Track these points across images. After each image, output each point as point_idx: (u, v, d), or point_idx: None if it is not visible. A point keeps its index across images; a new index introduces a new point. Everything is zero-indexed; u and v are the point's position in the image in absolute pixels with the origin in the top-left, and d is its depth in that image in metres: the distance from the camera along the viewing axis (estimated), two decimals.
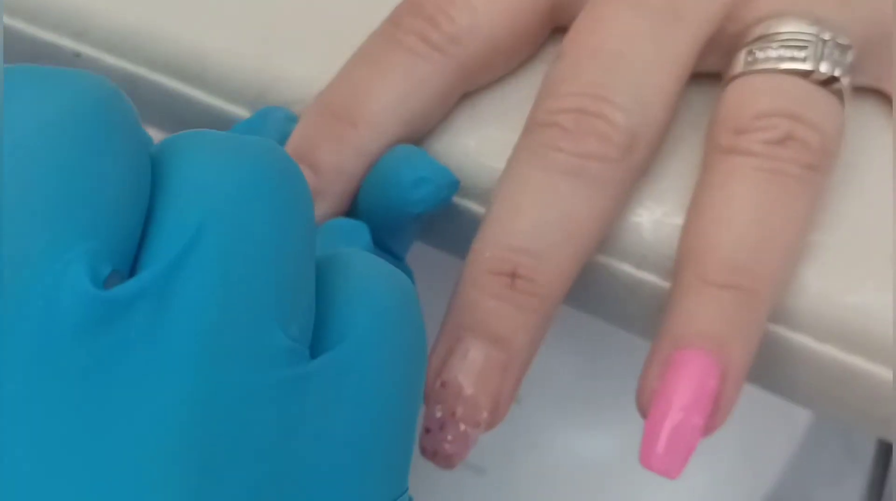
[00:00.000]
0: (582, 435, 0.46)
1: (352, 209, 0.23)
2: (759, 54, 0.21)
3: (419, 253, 0.27)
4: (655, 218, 0.23)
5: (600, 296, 0.24)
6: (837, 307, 0.22)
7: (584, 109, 0.21)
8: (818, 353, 0.22)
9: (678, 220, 0.22)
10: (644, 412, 0.20)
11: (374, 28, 0.24)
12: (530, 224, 0.21)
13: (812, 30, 0.21)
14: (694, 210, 0.21)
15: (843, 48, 0.21)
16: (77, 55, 0.26)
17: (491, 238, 0.21)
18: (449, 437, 0.20)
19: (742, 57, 0.21)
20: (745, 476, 0.47)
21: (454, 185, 0.22)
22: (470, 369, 0.20)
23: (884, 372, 0.22)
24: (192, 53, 0.25)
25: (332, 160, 0.22)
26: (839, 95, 0.21)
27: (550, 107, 0.21)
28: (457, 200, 0.24)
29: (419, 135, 0.23)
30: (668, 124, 0.22)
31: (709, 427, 0.20)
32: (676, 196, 0.23)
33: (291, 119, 0.24)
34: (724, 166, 0.21)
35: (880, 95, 0.24)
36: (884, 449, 0.34)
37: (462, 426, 0.20)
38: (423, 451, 0.20)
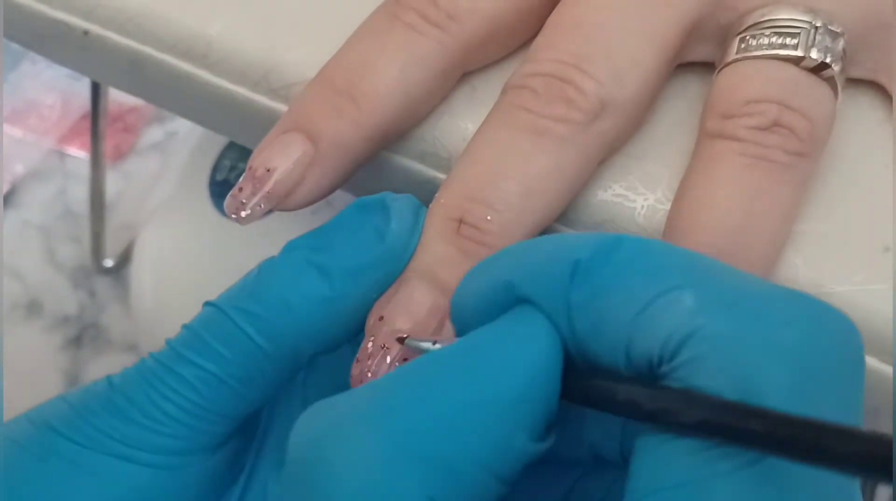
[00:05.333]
0: None
1: None
2: (752, 41, 0.21)
3: None
4: (649, 204, 0.23)
5: None
6: (828, 297, 0.22)
7: (556, 75, 0.21)
8: None
9: None
10: None
11: None
12: (486, 175, 0.21)
13: (805, 17, 0.21)
14: (679, 193, 0.22)
15: (835, 35, 0.21)
16: (85, 33, 0.27)
17: (448, 187, 0.21)
18: (373, 369, 0.20)
19: (735, 44, 0.22)
20: None
21: None
22: (406, 308, 0.20)
23: (873, 362, 0.22)
24: (198, 34, 0.26)
25: (332, 133, 0.22)
26: (831, 82, 0.21)
27: (525, 71, 0.22)
28: None
29: (420, 111, 0.24)
30: (648, 101, 0.22)
31: None
32: (670, 182, 0.23)
33: (417, 209, 0.22)
34: (709, 151, 0.21)
35: (877, 87, 0.24)
36: None
37: (388, 359, 0.20)
38: (352, 378, 0.20)
